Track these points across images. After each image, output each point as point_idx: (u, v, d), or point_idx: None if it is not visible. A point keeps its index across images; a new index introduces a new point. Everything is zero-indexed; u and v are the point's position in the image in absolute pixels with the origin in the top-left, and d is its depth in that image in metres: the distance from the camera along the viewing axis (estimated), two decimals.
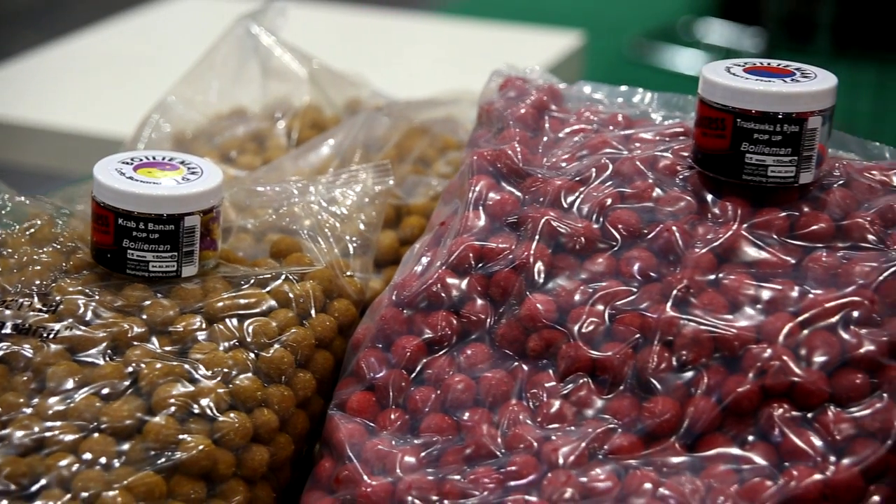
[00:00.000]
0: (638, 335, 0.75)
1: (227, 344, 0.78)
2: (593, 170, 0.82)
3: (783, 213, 0.78)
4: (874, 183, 0.80)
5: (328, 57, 1.18)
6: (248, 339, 0.78)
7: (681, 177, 0.81)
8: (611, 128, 0.87)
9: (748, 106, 0.77)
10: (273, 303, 0.81)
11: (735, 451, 0.72)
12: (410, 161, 1.04)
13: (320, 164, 1.00)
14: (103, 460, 0.72)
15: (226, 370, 0.76)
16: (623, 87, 0.93)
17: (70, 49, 1.95)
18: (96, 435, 0.73)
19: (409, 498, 0.72)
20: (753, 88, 0.77)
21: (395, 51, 1.92)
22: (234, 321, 0.79)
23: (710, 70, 0.80)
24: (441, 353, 0.79)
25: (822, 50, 2.31)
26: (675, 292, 0.75)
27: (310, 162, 1.01)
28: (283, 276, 0.82)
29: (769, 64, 0.81)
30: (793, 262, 0.77)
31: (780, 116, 0.77)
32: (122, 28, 2.06)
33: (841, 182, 0.79)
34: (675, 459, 0.72)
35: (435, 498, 0.72)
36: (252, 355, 0.78)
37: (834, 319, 0.73)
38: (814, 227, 0.77)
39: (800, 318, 0.74)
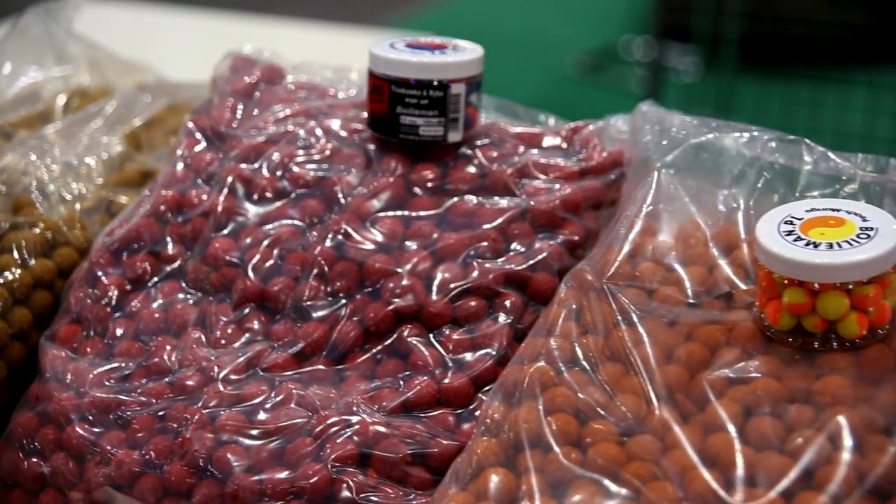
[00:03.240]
0: (299, 269, 0.87)
1: None
2: (284, 133, 0.94)
3: (435, 167, 0.90)
4: (521, 143, 0.92)
5: (140, 53, 1.29)
6: None
7: (357, 138, 0.93)
8: (315, 99, 0.99)
9: (401, 74, 0.89)
10: None
11: (371, 365, 0.84)
12: (164, 133, 1.15)
13: (80, 135, 1.12)
14: None
15: None
16: (340, 66, 1.05)
17: None
18: None
19: (93, 410, 0.83)
20: (405, 59, 0.89)
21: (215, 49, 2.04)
22: None
23: (376, 45, 0.91)
24: (140, 289, 0.90)
25: (730, 65, 2.44)
26: (331, 233, 0.87)
27: (72, 132, 1.13)
28: (9, 226, 0.93)
29: (431, 40, 0.93)
30: (438, 207, 0.89)
31: (429, 83, 0.89)
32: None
33: (490, 142, 0.92)
34: (322, 374, 0.83)
35: (114, 408, 0.83)
36: None
37: (461, 253, 0.85)
38: (459, 179, 0.90)
39: (434, 253, 0.86)
